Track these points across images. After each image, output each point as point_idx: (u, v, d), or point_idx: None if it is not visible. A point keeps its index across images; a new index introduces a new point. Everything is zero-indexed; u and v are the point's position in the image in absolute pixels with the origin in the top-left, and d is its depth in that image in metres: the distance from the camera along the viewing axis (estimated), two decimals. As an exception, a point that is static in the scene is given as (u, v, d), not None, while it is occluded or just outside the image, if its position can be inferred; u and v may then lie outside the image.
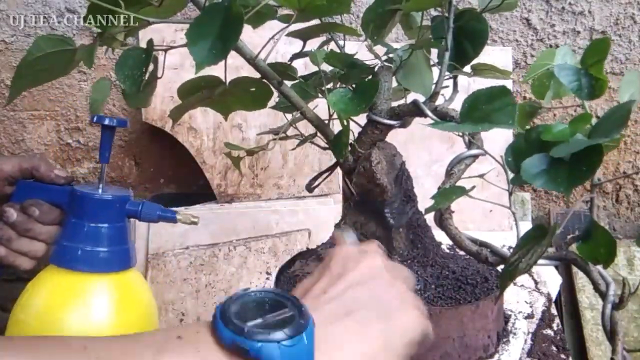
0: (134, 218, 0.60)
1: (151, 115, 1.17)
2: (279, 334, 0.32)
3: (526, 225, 1.12)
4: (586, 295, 1.00)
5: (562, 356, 0.63)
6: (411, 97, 0.57)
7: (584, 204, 1.28)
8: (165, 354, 0.31)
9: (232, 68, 0.56)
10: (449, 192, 0.50)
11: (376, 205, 0.57)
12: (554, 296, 0.82)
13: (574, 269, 1.04)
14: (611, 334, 0.43)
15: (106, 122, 0.59)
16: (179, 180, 1.31)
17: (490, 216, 1.10)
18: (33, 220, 0.58)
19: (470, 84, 0.99)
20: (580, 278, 1.03)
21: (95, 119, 0.59)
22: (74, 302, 0.57)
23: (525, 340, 0.64)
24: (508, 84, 1.08)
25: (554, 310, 0.74)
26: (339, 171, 1.17)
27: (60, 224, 0.60)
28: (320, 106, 0.60)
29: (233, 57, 0.50)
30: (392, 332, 0.38)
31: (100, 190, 0.59)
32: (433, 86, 0.57)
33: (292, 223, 1.11)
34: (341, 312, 0.37)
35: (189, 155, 1.18)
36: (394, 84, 0.60)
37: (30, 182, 0.61)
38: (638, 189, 1.26)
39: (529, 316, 0.70)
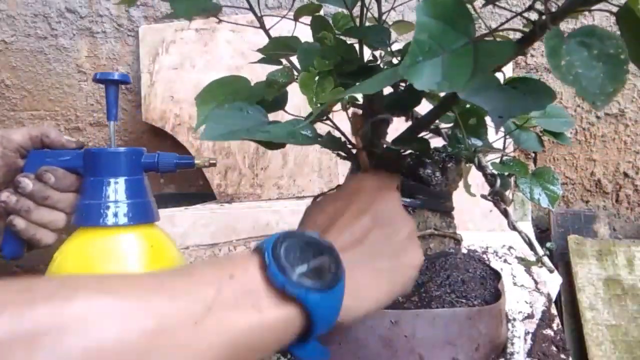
0: (152, 170, 0.61)
1: (151, 115, 1.17)
2: (322, 283, 0.36)
3: (526, 226, 1.12)
4: (586, 295, 1.00)
5: (562, 356, 0.63)
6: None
7: (584, 203, 1.28)
8: (223, 294, 0.33)
9: (232, 68, 0.57)
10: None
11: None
12: (554, 296, 0.82)
13: (574, 269, 1.04)
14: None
15: (110, 77, 0.60)
16: (179, 180, 1.31)
17: (490, 216, 1.10)
18: (50, 188, 0.58)
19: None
20: (581, 278, 1.03)
21: (97, 76, 0.60)
22: (104, 258, 0.57)
23: (525, 340, 0.64)
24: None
25: (554, 310, 0.74)
26: (339, 172, 1.17)
27: (77, 191, 0.59)
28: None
29: (233, 58, 0.50)
30: (398, 272, 0.43)
31: (113, 146, 0.60)
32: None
33: (292, 223, 1.11)
34: (365, 257, 0.42)
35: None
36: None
37: (42, 151, 0.60)
38: (638, 189, 1.26)
39: (529, 316, 0.70)
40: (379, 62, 0.57)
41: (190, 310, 0.32)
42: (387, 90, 0.58)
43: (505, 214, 0.54)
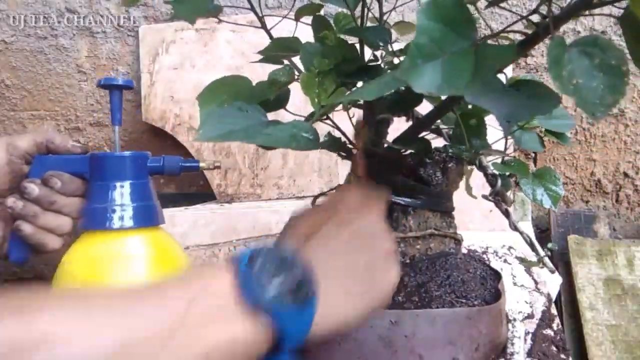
0: (157, 174, 0.61)
1: (151, 115, 1.17)
2: (294, 302, 0.36)
3: (526, 226, 1.12)
4: (586, 295, 1.00)
5: (562, 356, 0.63)
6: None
7: (584, 203, 1.28)
8: (194, 309, 0.33)
9: (232, 68, 0.57)
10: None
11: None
12: (554, 296, 0.82)
13: (574, 269, 1.04)
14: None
15: (114, 82, 0.61)
16: (179, 180, 1.31)
17: (491, 216, 1.10)
18: (56, 192, 0.58)
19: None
20: (581, 278, 1.03)
21: (102, 81, 0.61)
22: (110, 260, 0.57)
23: (525, 340, 0.64)
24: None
25: (554, 310, 0.74)
26: (339, 172, 1.17)
27: (83, 195, 0.60)
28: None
29: (233, 58, 0.50)
30: (373, 288, 0.43)
31: (117, 150, 0.60)
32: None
33: (292, 223, 1.11)
34: (339, 272, 0.42)
35: (189, 155, 1.18)
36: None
37: (47, 156, 0.61)
38: (638, 189, 1.26)
39: (529, 316, 0.70)
40: (379, 62, 0.57)
41: (159, 326, 0.32)
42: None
43: (506, 214, 0.54)
